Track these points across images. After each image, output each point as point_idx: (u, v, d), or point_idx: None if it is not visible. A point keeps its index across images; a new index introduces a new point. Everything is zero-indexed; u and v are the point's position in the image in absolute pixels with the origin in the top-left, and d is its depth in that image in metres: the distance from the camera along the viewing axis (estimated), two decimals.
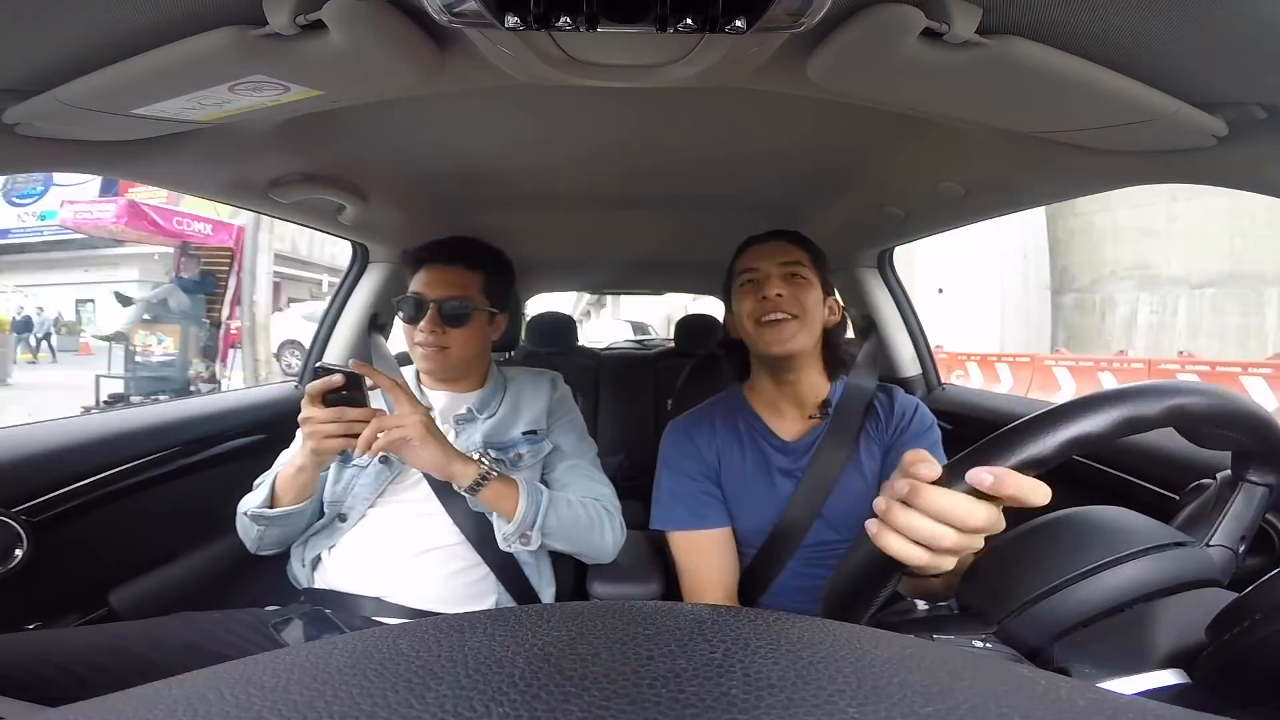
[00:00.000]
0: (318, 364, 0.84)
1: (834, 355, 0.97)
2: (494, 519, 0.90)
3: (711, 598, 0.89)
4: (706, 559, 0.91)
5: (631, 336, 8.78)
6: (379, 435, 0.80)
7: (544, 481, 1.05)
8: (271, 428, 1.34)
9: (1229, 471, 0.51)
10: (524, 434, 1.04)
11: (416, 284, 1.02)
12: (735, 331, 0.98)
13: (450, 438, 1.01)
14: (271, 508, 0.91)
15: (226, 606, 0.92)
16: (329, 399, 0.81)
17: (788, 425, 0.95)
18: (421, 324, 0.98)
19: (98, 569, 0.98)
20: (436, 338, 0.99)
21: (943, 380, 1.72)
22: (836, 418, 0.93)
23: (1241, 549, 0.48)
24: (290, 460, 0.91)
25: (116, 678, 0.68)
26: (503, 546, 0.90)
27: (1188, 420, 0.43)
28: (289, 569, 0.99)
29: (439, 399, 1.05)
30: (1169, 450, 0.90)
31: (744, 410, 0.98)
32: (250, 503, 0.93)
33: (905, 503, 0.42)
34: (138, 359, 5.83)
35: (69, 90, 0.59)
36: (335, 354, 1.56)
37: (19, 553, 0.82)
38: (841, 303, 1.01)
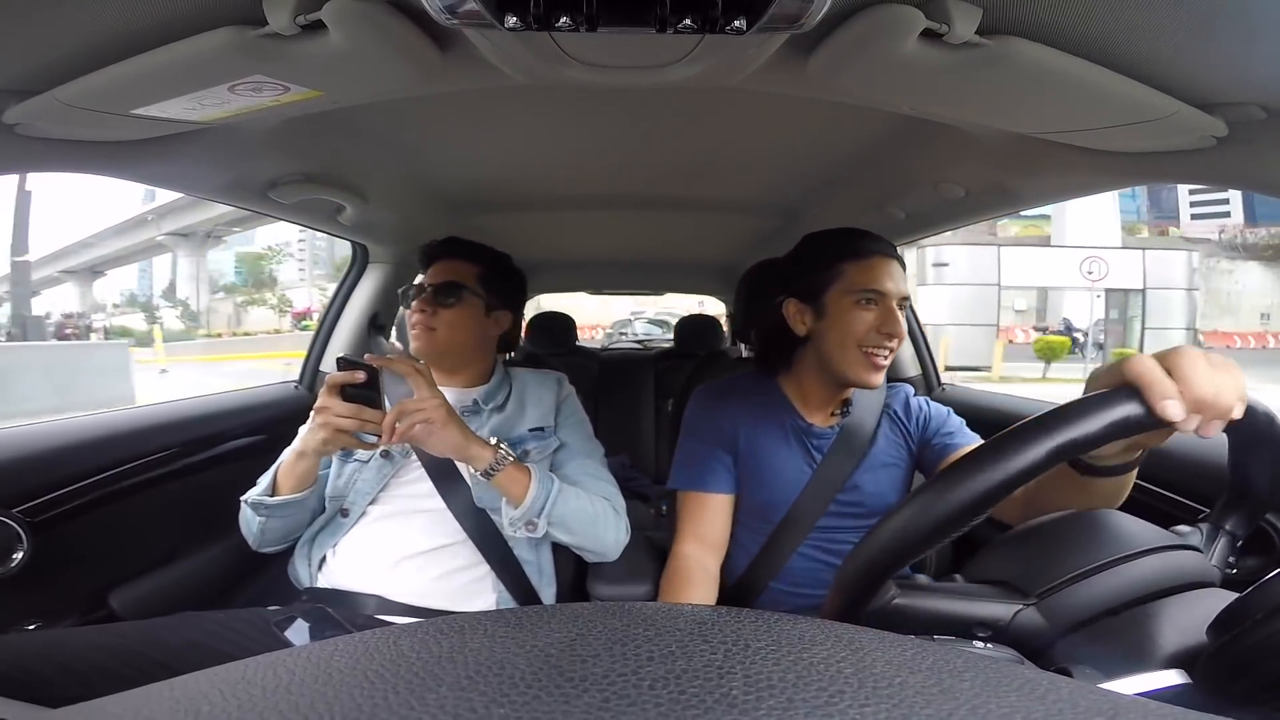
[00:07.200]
0: (340, 355, 0.87)
1: None
2: (502, 503, 0.91)
3: (694, 549, 0.91)
4: (700, 517, 0.94)
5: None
6: (402, 420, 0.81)
7: None
8: (272, 428, 1.34)
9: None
10: (531, 431, 1.04)
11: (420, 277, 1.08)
12: (794, 326, 0.92)
13: None
14: (273, 496, 0.92)
15: (228, 607, 0.92)
16: (347, 393, 0.82)
17: (816, 416, 0.97)
18: (414, 304, 1.04)
19: (98, 569, 0.98)
20: (425, 317, 1.03)
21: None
22: (856, 412, 0.96)
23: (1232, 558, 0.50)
24: (292, 447, 0.92)
25: (117, 678, 0.68)
26: (508, 531, 0.91)
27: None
28: (291, 569, 0.99)
29: (444, 395, 1.05)
30: (1183, 457, 0.90)
31: (776, 393, 0.99)
32: (253, 493, 0.94)
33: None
34: None
35: (69, 90, 0.59)
36: (335, 355, 1.56)
37: (19, 553, 0.82)
38: None
